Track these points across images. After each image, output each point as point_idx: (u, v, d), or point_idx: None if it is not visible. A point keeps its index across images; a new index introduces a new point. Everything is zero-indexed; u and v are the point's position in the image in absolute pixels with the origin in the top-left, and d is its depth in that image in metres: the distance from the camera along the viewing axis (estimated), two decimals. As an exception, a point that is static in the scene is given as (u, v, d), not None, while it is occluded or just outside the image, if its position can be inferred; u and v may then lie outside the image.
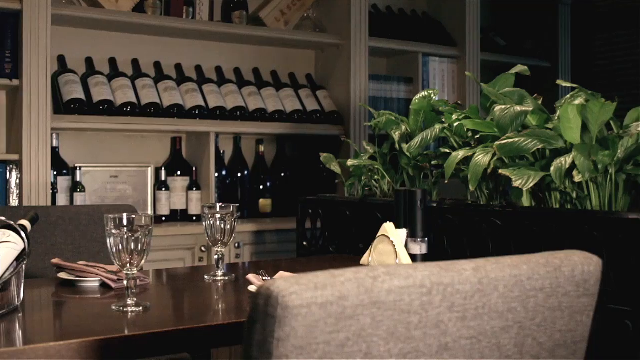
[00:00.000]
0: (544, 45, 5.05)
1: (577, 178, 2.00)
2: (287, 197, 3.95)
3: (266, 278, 1.84)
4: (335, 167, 2.80)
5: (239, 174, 3.93)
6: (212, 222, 2.05)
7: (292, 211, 3.37)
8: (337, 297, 0.94)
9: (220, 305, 1.88)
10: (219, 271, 2.06)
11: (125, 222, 1.65)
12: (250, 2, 4.02)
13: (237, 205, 2.10)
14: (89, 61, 3.60)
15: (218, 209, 2.05)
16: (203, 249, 3.43)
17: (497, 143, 2.11)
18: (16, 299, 1.65)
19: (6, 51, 3.26)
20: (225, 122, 3.72)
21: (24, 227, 1.72)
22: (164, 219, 3.61)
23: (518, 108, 2.14)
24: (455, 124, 2.35)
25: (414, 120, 2.55)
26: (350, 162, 2.69)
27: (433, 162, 2.51)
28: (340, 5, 4.14)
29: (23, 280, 1.67)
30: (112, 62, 3.68)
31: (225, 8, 3.95)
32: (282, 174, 4.06)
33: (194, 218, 3.68)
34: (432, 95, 2.55)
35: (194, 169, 3.71)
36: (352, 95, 4.08)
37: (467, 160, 2.23)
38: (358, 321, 0.96)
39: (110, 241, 1.66)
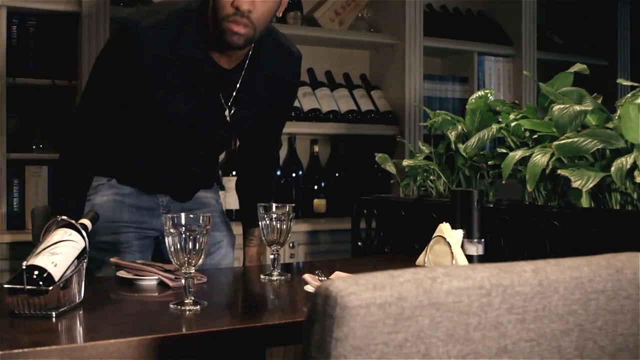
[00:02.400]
0: (602, 44, 4.96)
1: (639, 179, 1.96)
2: (341, 197, 3.95)
3: (322, 278, 1.85)
4: (391, 167, 2.79)
5: (294, 174, 3.94)
6: (268, 222, 2.05)
7: (347, 211, 3.36)
8: (395, 297, 0.94)
9: (275, 305, 1.89)
10: (275, 271, 2.07)
11: (183, 221, 1.67)
12: (304, 2, 4.03)
13: (293, 205, 2.11)
14: (146, 63, 3.65)
15: (274, 209, 2.05)
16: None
17: (555, 143, 2.08)
18: (77, 297, 1.68)
19: (65, 53, 3.33)
20: (280, 123, 3.74)
21: (84, 226, 1.75)
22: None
23: (577, 107, 2.11)
24: (513, 124, 2.32)
25: (470, 120, 2.52)
26: (406, 162, 2.68)
27: (490, 162, 2.49)
28: (394, 5, 4.12)
29: (84, 278, 1.71)
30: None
31: (280, 9, 3.97)
32: (337, 174, 4.07)
33: (249, 218, 3.70)
34: (489, 95, 2.52)
35: (249, 169, 3.72)
36: (406, 95, 4.06)
37: (524, 160, 2.21)
38: (417, 322, 0.96)
39: (168, 240, 1.68)
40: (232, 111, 2.13)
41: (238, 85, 2.11)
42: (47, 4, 3.27)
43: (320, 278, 1.84)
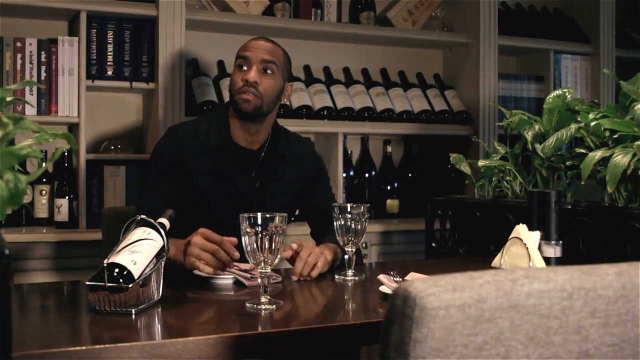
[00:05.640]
0: (684, 40, 4.82)
1: None
2: (414, 197, 3.93)
3: (397, 279, 1.84)
4: (465, 168, 2.76)
5: (367, 174, 3.94)
6: (342, 222, 2.06)
7: (420, 212, 3.35)
8: (475, 299, 0.93)
9: (350, 305, 1.89)
10: (349, 271, 2.07)
11: (259, 221, 1.69)
12: (377, 2, 4.02)
13: (368, 205, 2.11)
14: (220, 64, 3.69)
15: (349, 209, 2.05)
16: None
17: (637, 143, 2.03)
18: (155, 295, 1.71)
19: (143, 56, 3.40)
20: (353, 123, 3.74)
21: (163, 225, 1.78)
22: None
23: (660, 106, 2.06)
24: (592, 124, 2.27)
25: (547, 120, 2.48)
26: (481, 163, 2.65)
27: (567, 163, 2.44)
28: (468, 4, 4.08)
29: (162, 277, 1.74)
30: (243, 64, 3.76)
31: (352, 9, 3.97)
32: (410, 175, 4.05)
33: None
34: (567, 94, 2.47)
35: (322, 169, 3.74)
36: (481, 94, 4.02)
37: (604, 160, 2.16)
38: (496, 324, 0.94)
39: (245, 240, 1.70)
40: (259, 184, 2.42)
41: (261, 161, 2.44)
42: (125, 8, 3.34)
43: (395, 279, 1.83)
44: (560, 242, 2.15)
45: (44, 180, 3.27)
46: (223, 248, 1.97)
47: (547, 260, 2.11)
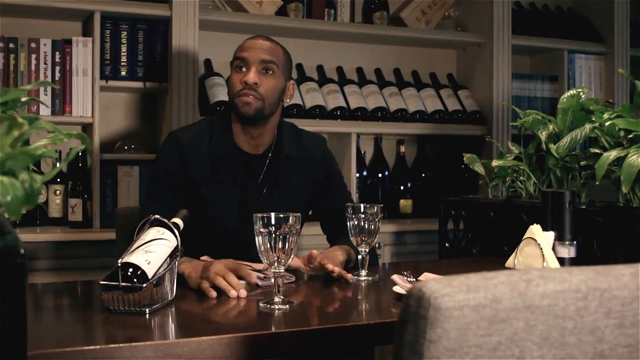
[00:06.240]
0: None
1: None
2: (427, 197, 3.92)
3: (410, 279, 1.84)
4: (479, 168, 2.75)
5: (380, 175, 3.93)
6: (356, 223, 2.06)
7: (433, 212, 3.34)
8: (490, 300, 0.92)
9: (364, 305, 1.89)
10: (363, 271, 2.07)
11: (273, 221, 1.69)
12: (390, 2, 4.01)
13: (382, 205, 2.10)
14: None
15: (363, 209, 2.05)
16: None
17: (652, 143, 2.02)
18: (169, 294, 1.71)
19: (156, 56, 3.41)
20: (367, 123, 3.74)
21: (176, 225, 1.78)
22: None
23: (675, 106, 2.05)
24: (607, 124, 2.26)
25: (561, 120, 2.47)
26: (495, 163, 2.64)
27: (582, 163, 2.43)
28: (482, 4, 4.07)
29: (176, 276, 1.74)
30: (256, 64, 3.77)
31: (366, 9, 3.97)
32: (423, 175, 4.04)
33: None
34: (581, 94, 2.46)
35: (335, 169, 3.74)
36: (494, 94, 4.01)
37: (619, 160, 2.15)
38: (511, 325, 0.94)
39: (258, 240, 1.71)
40: (267, 190, 2.34)
41: (266, 166, 2.35)
42: (138, 9, 3.35)
43: (408, 279, 1.83)
44: (575, 242, 2.14)
45: (58, 180, 3.28)
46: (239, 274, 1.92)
47: (561, 261, 2.10)
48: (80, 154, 3.22)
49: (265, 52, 2.28)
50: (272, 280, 1.71)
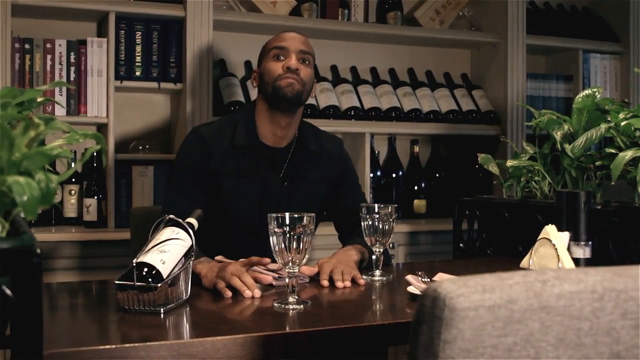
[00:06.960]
0: None
1: None
2: (441, 198, 3.91)
3: (425, 279, 1.83)
4: (493, 168, 2.74)
5: (394, 175, 3.93)
6: (370, 223, 2.05)
7: (447, 212, 3.34)
8: (505, 300, 0.92)
9: (378, 306, 1.89)
10: (377, 271, 2.06)
11: (287, 221, 1.69)
12: (404, 2, 4.01)
13: (396, 205, 2.10)
14: (248, 64, 3.70)
15: (377, 209, 2.05)
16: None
17: (668, 143, 2.01)
18: (184, 294, 1.72)
19: (170, 56, 3.42)
20: (380, 123, 3.74)
21: (191, 225, 1.79)
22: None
23: (691, 106, 2.03)
24: (623, 123, 2.25)
25: (577, 120, 2.46)
26: (509, 163, 2.63)
27: (597, 163, 2.42)
28: (496, 3, 4.06)
29: (190, 276, 1.74)
30: (270, 64, 3.77)
31: (379, 9, 3.97)
32: (437, 175, 4.03)
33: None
34: (596, 94, 2.45)
35: (349, 169, 3.73)
36: (509, 94, 3.99)
37: (635, 161, 2.14)
38: (526, 326, 0.94)
39: (273, 240, 1.71)
40: (287, 184, 2.39)
41: (289, 159, 2.41)
42: (153, 9, 3.36)
43: (422, 279, 1.83)
44: (590, 243, 2.13)
45: (73, 180, 3.30)
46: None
47: (577, 261, 2.09)
48: (95, 154, 3.23)
49: (302, 44, 2.38)
50: (287, 280, 1.72)
